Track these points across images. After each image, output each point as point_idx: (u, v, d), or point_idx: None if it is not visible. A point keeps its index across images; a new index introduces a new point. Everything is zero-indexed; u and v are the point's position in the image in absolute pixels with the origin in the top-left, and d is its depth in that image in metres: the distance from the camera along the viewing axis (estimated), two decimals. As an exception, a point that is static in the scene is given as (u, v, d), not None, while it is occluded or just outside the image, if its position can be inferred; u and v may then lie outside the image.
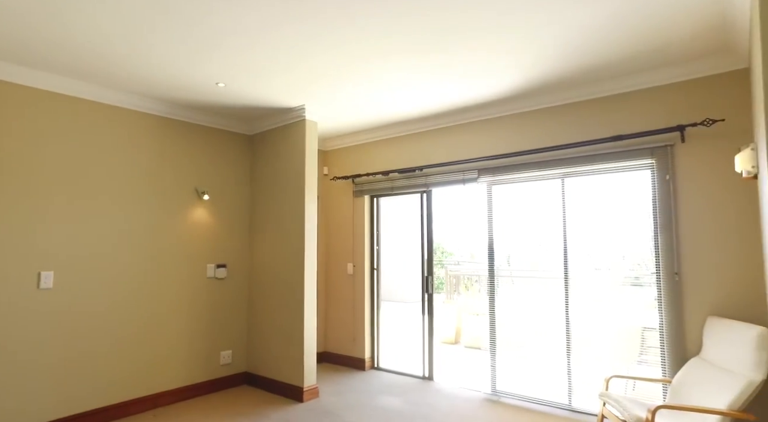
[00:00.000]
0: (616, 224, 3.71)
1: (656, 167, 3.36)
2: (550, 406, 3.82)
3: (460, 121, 4.42)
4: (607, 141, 3.49)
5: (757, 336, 2.59)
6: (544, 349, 5.34)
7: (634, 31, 2.74)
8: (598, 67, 3.28)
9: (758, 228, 2.97)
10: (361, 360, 5.05)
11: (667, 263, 3.28)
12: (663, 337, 3.29)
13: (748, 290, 2.98)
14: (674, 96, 3.30)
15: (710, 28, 2.72)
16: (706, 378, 2.78)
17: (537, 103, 3.91)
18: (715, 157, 3.12)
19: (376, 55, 3.07)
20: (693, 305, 3.17)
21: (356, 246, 5.21)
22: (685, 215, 3.23)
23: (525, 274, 6.18)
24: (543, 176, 3.93)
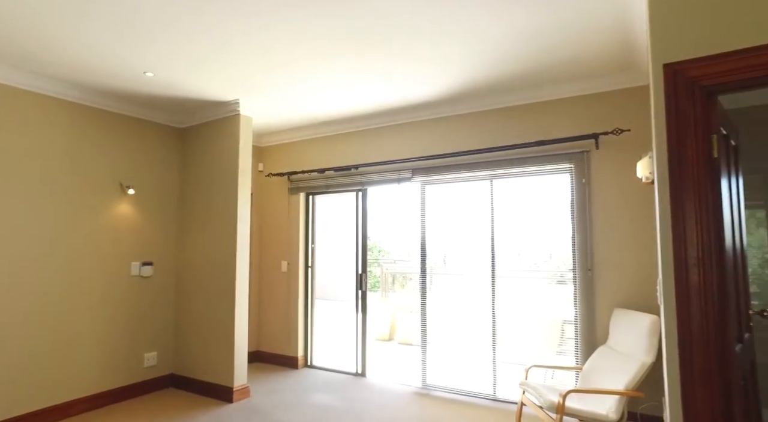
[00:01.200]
0: (543, 224, 3.96)
1: (574, 171, 3.64)
2: (476, 397, 4.00)
3: (395, 121, 4.52)
4: (531, 146, 3.73)
5: (650, 324, 2.90)
6: (473, 343, 5.58)
7: (548, 46, 2.95)
8: (520, 76, 3.49)
9: (654, 229, 3.31)
10: (294, 359, 5.01)
11: (582, 260, 3.56)
12: (577, 329, 3.57)
13: (645, 283, 3.31)
14: (590, 106, 3.59)
15: (616, 48, 2.99)
16: (610, 363, 3.06)
17: (467, 107, 4.09)
18: (622, 163, 3.43)
19: (311, 54, 3.07)
20: (603, 298, 3.47)
21: (291, 244, 5.16)
22: (598, 216, 3.52)
23: (459, 272, 6.42)
24: (473, 177, 4.12)
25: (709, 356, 1.73)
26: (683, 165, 1.82)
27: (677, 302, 1.80)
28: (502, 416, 3.58)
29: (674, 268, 1.82)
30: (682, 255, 1.81)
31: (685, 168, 1.81)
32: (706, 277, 1.76)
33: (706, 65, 1.79)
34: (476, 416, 3.59)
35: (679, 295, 1.80)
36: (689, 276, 1.78)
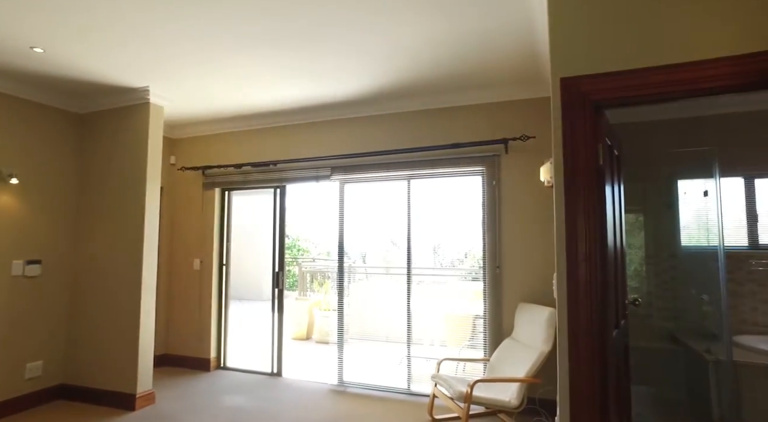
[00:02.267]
0: (459, 224, 4.15)
1: (486, 174, 3.86)
2: (391, 392, 4.10)
3: (316, 119, 4.49)
4: (447, 148, 3.90)
5: (549, 316, 3.17)
6: (390, 340, 5.70)
7: (461, 54, 3.12)
8: (436, 81, 3.64)
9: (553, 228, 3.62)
10: (206, 361, 4.79)
11: (492, 258, 3.79)
12: (486, 323, 3.80)
13: (547, 279, 3.61)
14: (500, 113, 3.84)
15: (524, 61, 3.23)
16: (514, 353, 3.30)
17: (387, 108, 4.18)
18: (528, 168, 3.71)
19: (227, 46, 2.96)
20: (509, 294, 3.73)
21: (204, 241, 4.93)
22: (507, 217, 3.77)
23: (377, 270, 6.52)
24: (391, 176, 4.22)
25: (592, 341, 1.93)
26: (576, 171, 2.01)
27: (568, 294, 1.99)
28: (415, 409, 3.70)
29: (567, 264, 2.01)
30: (573, 252, 2.00)
31: (577, 174, 2.01)
32: (592, 272, 1.97)
33: (596, 82, 2.00)
34: (390, 410, 3.68)
35: (570, 287, 1.99)
36: (579, 271, 1.98)
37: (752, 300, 3.72)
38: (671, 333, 3.92)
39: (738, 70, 1.79)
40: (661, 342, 3.91)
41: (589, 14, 2.06)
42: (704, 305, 3.64)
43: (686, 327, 3.86)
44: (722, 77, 1.81)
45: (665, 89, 1.91)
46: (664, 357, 3.83)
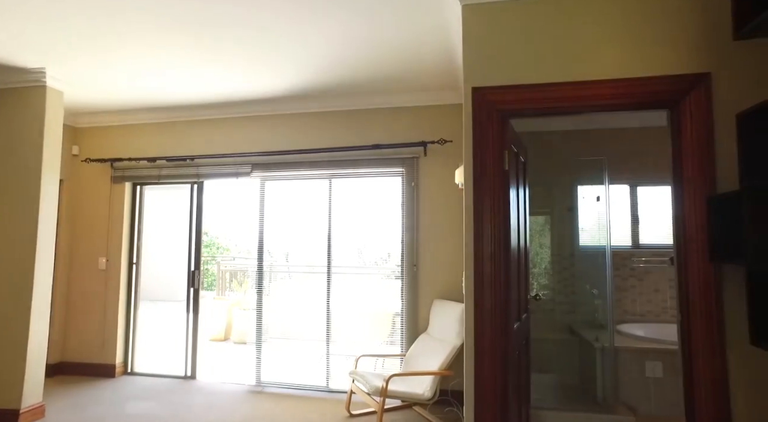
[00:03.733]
0: (382, 224, 4.24)
1: (405, 175, 4.00)
2: (310, 390, 4.10)
3: (237, 114, 4.37)
4: (368, 149, 3.98)
5: (460, 311, 3.36)
6: (310, 339, 5.68)
7: (383, 58, 3.21)
8: (360, 82, 3.70)
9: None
10: (111, 367, 4.47)
11: (409, 257, 3.93)
12: (403, 319, 3.93)
13: (460, 276, 3.81)
14: (421, 116, 3.99)
15: (442, 69, 3.40)
16: (429, 348, 3.46)
17: (310, 107, 4.18)
18: (445, 170, 3.89)
19: (138, 30, 2.80)
20: (425, 291, 3.88)
21: (112, 238, 4.60)
22: (424, 217, 3.93)
23: (299, 269, 6.46)
24: (313, 175, 4.22)
25: (494, 333, 2.10)
26: (483, 175, 2.17)
27: (475, 290, 2.14)
28: (333, 405, 3.74)
29: (474, 261, 2.16)
30: (480, 251, 2.15)
31: (484, 178, 2.16)
32: (496, 269, 2.13)
33: (503, 93, 2.17)
34: (308, 408, 3.69)
35: (476, 284, 2.14)
36: (484, 268, 2.13)
37: (632, 293, 4.21)
38: (569, 324, 4.32)
39: (616, 92, 2.04)
40: (560, 334, 4.29)
41: (499, 33, 2.23)
42: (595, 299, 4.05)
43: (581, 318, 4.27)
44: (604, 97, 2.06)
45: (559, 104, 2.12)
46: (562, 347, 4.21)
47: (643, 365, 3.46)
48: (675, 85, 2.01)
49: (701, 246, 1.95)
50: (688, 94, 2.00)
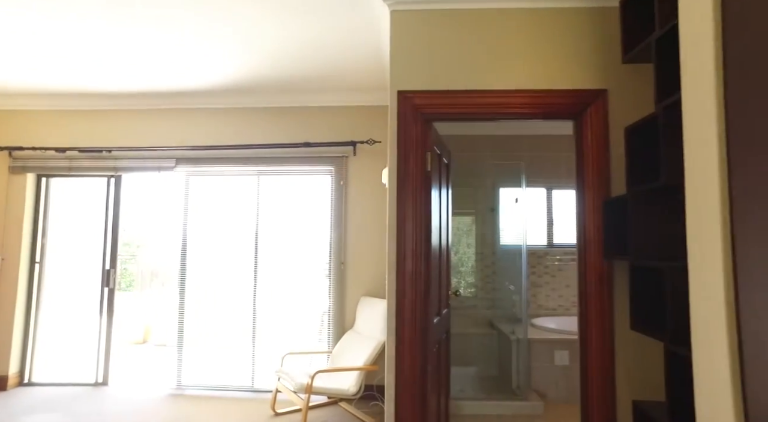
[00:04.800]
0: (312, 222, 4.20)
1: (335, 174, 4.03)
2: (235, 391, 4.01)
3: (160, 105, 4.16)
4: (299, 146, 3.96)
5: (386, 308, 3.44)
6: (236, 339, 5.53)
7: (317, 57, 3.23)
8: (292, 80, 3.68)
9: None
10: (3, 378, 4.06)
11: (337, 254, 3.96)
12: (330, 317, 3.96)
13: (383, 274, 3.89)
14: (351, 116, 4.03)
15: (373, 71, 3.47)
16: (355, 344, 3.51)
17: (240, 102, 4.08)
18: (373, 170, 3.97)
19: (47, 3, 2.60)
20: (353, 288, 3.94)
21: (9, 235, 4.19)
22: (352, 215, 3.98)
23: (225, 268, 6.23)
24: (241, 171, 4.12)
25: (415, 327, 2.19)
26: (407, 175, 2.26)
27: (397, 285, 2.23)
28: (258, 405, 3.68)
29: (396, 258, 2.24)
30: (402, 248, 2.24)
31: (408, 178, 2.25)
32: (417, 265, 2.23)
33: (425, 97, 2.27)
34: (232, 409, 3.60)
35: (398, 280, 2.23)
36: (406, 265, 2.22)
37: (546, 289, 4.55)
38: (490, 319, 4.58)
39: (528, 102, 2.22)
40: (482, 328, 4.53)
41: (425, 40, 2.33)
42: (513, 295, 4.33)
43: (500, 313, 4.54)
44: (517, 106, 2.22)
45: (478, 110, 2.26)
46: (483, 341, 4.45)
47: (553, 354, 3.76)
48: (577, 99, 2.22)
49: (598, 245, 2.17)
50: (588, 108, 2.21)
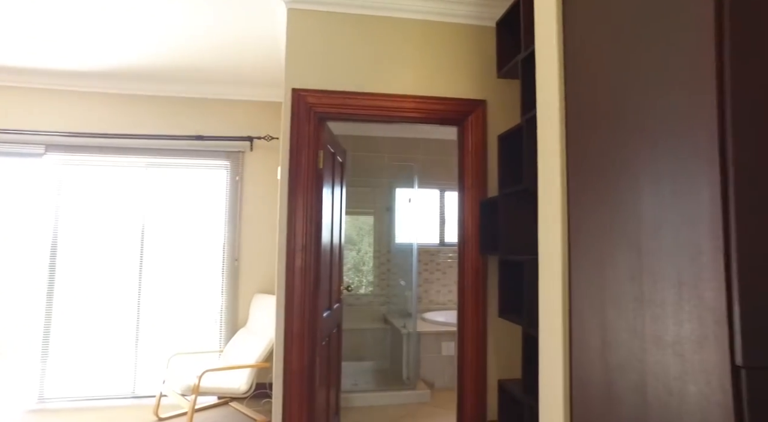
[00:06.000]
0: (206, 218, 4.01)
1: (230, 169, 3.91)
2: (112, 399, 3.71)
3: (28, 84, 3.70)
4: (191, 139, 3.78)
5: (280, 304, 3.44)
6: (114, 343, 5.09)
7: (216, 48, 3.12)
8: (185, 69, 3.51)
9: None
10: None
11: (231, 251, 3.85)
12: (222, 315, 3.83)
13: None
14: (249, 111, 3.94)
15: (271, 67, 3.43)
16: (247, 342, 3.45)
17: (129, 88, 3.79)
18: (270, 167, 3.92)
19: None
20: (246, 286, 3.85)
21: None
22: (247, 211, 3.90)
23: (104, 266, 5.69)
24: (127, 163, 3.83)
25: (303, 321, 2.23)
26: (299, 173, 2.29)
27: (286, 280, 2.25)
28: (140, 412, 3.45)
29: (286, 254, 2.26)
30: (292, 243, 2.26)
31: (299, 175, 2.28)
32: (307, 261, 2.27)
33: (319, 96, 2.32)
34: (108, 418, 3.33)
35: (288, 275, 2.25)
36: (296, 260, 2.25)
37: (437, 285, 4.84)
38: (384, 314, 4.75)
39: (416, 107, 2.37)
40: (377, 323, 4.69)
41: (321, 39, 2.38)
42: (405, 290, 4.54)
43: (394, 309, 4.74)
44: (407, 110, 2.36)
45: (371, 111, 2.36)
46: (378, 335, 4.61)
47: (441, 345, 4.02)
48: (460, 107, 2.42)
49: (475, 241, 2.38)
50: (469, 116, 2.42)
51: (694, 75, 0.98)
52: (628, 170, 1.16)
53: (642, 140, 1.11)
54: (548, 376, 1.48)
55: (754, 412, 0.85)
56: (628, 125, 1.16)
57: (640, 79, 1.13)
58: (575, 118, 1.39)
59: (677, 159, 1.00)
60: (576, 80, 1.39)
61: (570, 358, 1.37)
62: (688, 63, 0.99)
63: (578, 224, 1.37)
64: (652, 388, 1.07)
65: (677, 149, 1.01)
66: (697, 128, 0.97)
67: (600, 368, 1.25)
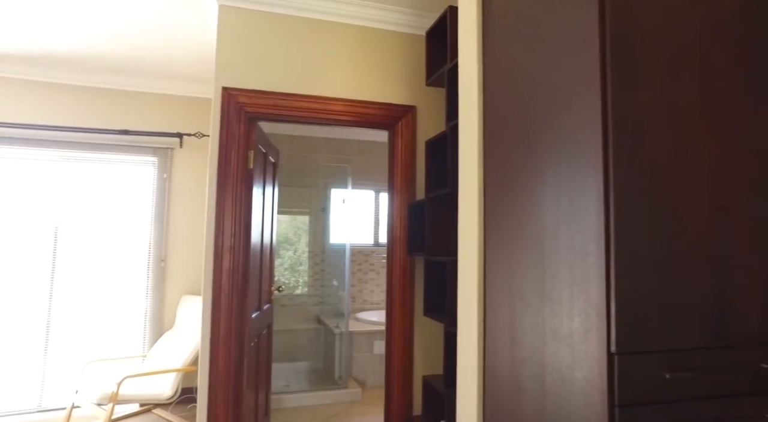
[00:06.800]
0: (127, 216, 3.80)
1: (158, 166, 3.74)
2: (13, 415, 3.41)
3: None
4: (116, 133, 3.57)
5: (208, 306, 3.35)
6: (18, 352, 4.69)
7: (139, 38, 2.98)
8: (110, 58, 3.32)
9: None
10: None
11: (158, 252, 3.68)
12: (146, 318, 3.66)
13: (213, 272, 3.78)
14: (179, 107, 3.79)
15: (203, 63, 3.33)
16: (174, 345, 3.32)
17: (42, 75, 3.50)
18: (200, 164, 3.80)
19: None
20: (174, 287, 3.71)
21: None
22: (176, 210, 3.75)
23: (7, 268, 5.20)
24: (41, 156, 3.54)
25: (230, 322, 2.20)
26: (228, 172, 2.25)
27: (213, 281, 2.20)
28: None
29: (214, 254, 2.22)
30: (220, 244, 2.22)
31: (228, 175, 2.25)
32: (235, 261, 2.24)
33: (250, 96, 2.30)
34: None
35: (215, 275, 2.21)
36: (223, 260, 2.22)
37: (371, 285, 4.91)
38: (317, 315, 4.75)
39: (348, 110, 2.41)
40: (311, 324, 4.67)
41: (253, 39, 2.35)
42: (339, 291, 4.57)
43: (327, 309, 4.75)
44: (338, 113, 2.40)
45: (303, 113, 2.38)
46: (312, 336, 4.60)
47: (373, 344, 4.09)
48: (391, 112, 2.49)
49: (403, 242, 2.47)
50: (399, 121, 2.50)
51: (585, 99, 1.10)
52: (534, 177, 1.27)
53: (546, 151, 1.23)
54: (465, 371, 1.57)
55: (623, 390, 0.98)
56: (536, 138, 1.27)
57: (545, 97, 1.25)
58: (492, 129, 1.50)
59: (574, 169, 1.12)
60: (493, 94, 1.50)
61: (484, 353, 1.48)
62: (581, 89, 1.12)
63: (492, 227, 1.47)
64: (549, 377, 1.18)
65: (574, 160, 1.12)
66: (586, 143, 1.09)
67: (508, 361, 1.36)
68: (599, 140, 1.04)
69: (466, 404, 1.56)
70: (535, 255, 1.26)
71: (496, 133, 1.48)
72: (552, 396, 1.17)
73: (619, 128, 1.03)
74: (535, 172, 1.27)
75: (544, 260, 1.23)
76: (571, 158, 1.13)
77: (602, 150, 1.03)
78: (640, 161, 1.04)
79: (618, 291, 0.99)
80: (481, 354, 1.50)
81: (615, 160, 1.02)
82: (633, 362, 0.99)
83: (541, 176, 1.24)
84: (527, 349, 1.28)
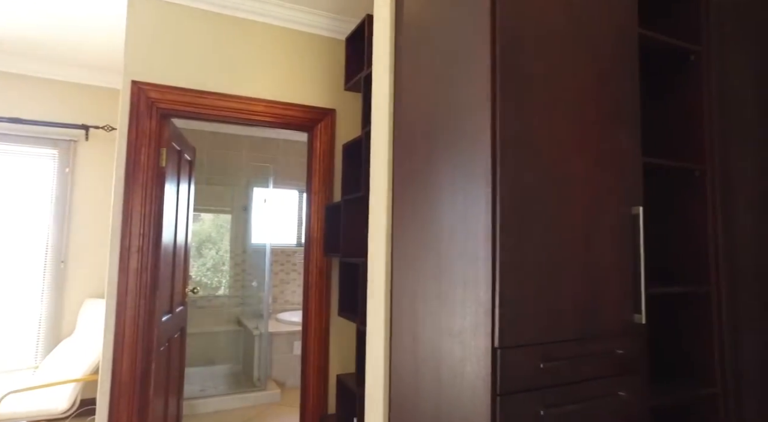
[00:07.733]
0: (21, 213, 3.45)
1: (59, 159, 3.45)
2: None
3: None
4: (5, 121, 3.25)
5: (114, 310, 3.15)
6: None
7: (34, 18, 2.75)
8: (17, 40, 3.01)
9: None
10: None
11: (56, 252, 3.40)
12: (41, 325, 3.36)
13: (121, 274, 3.56)
14: (87, 96, 3.52)
15: (114, 51, 3.13)
16: (74, 353, 3.09)
17: None
18: (109, 159, 3.57)
19: None
20: (75, 290, 3.44)
21: None
22: (79, 207, 3.48)
23: None
24: None
25: (136, 327, 2.11)
26: (137, 170, 2.15)
27: (118, 283, 2.10)
28: None
29: (119, 255, 2.11)
30: (127, 244, 2.12)
31: (138, 173, 2.15)
32: (143, 262, 2.14)
33: (163, 92, 2.21)
34: None
35: (121, 277, 2.10)
36: (130, 261, 2.12)
37: (293, 285, 4.88)
38: (238, 316, 4.63)
39: (268, 111, 2.40)
40: (231, 326, 4.55)
41: (167, 32, 2.26)
42: (260, 292, 4.50)
43: (248, 310, 4.65)
44: (258, 113, 2.38)
45: (220, 112, 2.33)
46: (231, 338, 4.48)
47: (292, 345, 4.07)
48: (310, 114, 2.51)
49: (320, 243, 2.50)
50: (319, 124, 2.53)
51: (479, 115, 1.21)
52: (435, 185, 1.36)
53: (446, 160, 1.33)
54: (373, 369, 1.64)
55: (503, 381, 1.09)
56: (437, 147, 1.37)
57: (446, 110, 1.34)
58: (401, 136, 1.58)
59: (467, 178, 1.22)
60: (402, 103, 1.58)
61: (390, 352, 1.55)
62: (475, 106, 1.22)
63: (400, 231, 1.55)
64: (444, 372, 1.28)
65: (469, 170, 1.23)
66: (479, 155, 1.20)
67: (411, 359, 1.44)
68: (488, 154, 1.14)
69: (373, 401, 1.63)
70: (435, 258, 1.35)
71: (404, 141, 1.56)
72: (447, 389, 1.26)
73: (505, 144, 1.14)
74: (436, 179, 1.36)
75: (441, 263, 1.32)
76: (466, 168, 1.23)
77: (491, 164, 1.14)
78: (523, 174, 1.16)
79: (502, 292, 1.11)
80: (388, 352, 1.57)
81: (502, 173, 1.13)
82: (512, 354, 1.11)
83: (441, 183, 1.33)
84: (427, 347, 1.37)
